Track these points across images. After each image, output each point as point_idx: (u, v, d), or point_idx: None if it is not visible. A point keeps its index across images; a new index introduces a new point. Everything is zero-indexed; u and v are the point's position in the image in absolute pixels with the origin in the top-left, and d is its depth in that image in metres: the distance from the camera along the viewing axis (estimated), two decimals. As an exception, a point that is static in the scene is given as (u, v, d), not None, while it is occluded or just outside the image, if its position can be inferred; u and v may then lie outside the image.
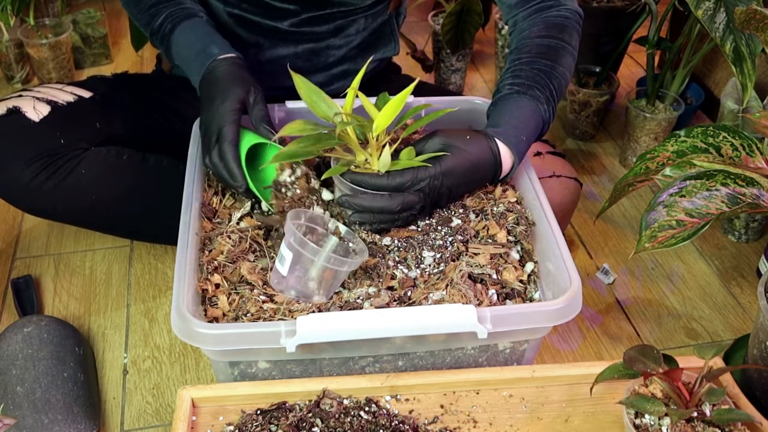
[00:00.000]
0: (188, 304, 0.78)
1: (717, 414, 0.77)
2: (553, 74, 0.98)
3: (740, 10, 0.91)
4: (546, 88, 0.96)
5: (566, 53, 1.01)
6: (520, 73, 0.97)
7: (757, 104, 1.25)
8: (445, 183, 0.88)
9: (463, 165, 0.89)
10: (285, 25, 1.15)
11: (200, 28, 1.04)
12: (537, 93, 0.95)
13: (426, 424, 0.82)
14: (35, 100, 1.14)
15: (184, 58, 1.03)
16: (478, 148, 0.90)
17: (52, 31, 1.80)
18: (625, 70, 1.91)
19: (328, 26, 1.17)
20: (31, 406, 0.97)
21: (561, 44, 1.01)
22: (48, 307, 1.23)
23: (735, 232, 1.40)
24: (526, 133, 0.94)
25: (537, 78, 0.96)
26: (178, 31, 1.04)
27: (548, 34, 1.01)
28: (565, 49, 1.01)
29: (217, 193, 0.98)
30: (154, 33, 1.06)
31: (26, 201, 1.13)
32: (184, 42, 1.03)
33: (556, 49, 1.00)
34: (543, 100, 0.96)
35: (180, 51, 1.04)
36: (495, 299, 0.86)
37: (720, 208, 0.85)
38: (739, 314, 1.25)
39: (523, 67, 0.98)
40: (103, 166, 1.13)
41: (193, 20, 1.04)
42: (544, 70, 0.97)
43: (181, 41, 1.03)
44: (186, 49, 1.03)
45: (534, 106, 0.95)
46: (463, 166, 0.89)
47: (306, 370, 0.85)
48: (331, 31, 1.18)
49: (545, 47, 1.00)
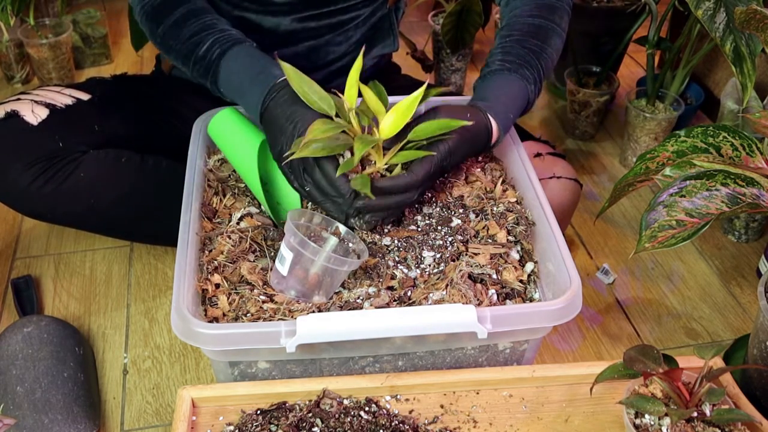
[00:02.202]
0: (188, 304, 0.78)
1: (717, 414, 0.77)
2: (542, 55, 0.99)
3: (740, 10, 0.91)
4: (534, 69, 0.98)
5: (555, 35, 1.03)
6: (510, 50, 0.99)
7: (757, 104, 1.25)
8: (451, 162, 0.89)
9: (466, 141, 0.90)
10: (285, 22, 1.15)
11: (254, 52, 0.99)
12: (526, 73, 0.97)
13: (426, 424, 0.82)
14: (33, 104, 1.13)
15: (239, 83, 0.97)
16: (477, 124, 0.91)
17: (52, 31, 1.80)
18: (625, 70, 1.91)
19: (329, 21, 1.17)
20: (31, 406, 0.97)
21: (551, 25, 1.02)
22: (48, 307, 1.23)
23: (735, 232, 1.40)
24: (513, 111, 0.97)
25: (527, 58, 0.98)
26: (229, 55, 0.98)
27: (539, 14, 1.03)
28: (554, 30, 1.02)
29: (217, 193, 0.98)
30: (198, 61, 1.00)
31: (25, 204, 1.13)
32: (238, 66, 0.97)
33: (546, 30, 1.02)
34: (531, 80, 0.97)
35: (232, 77, 0.98)
36: (495, 299, 0.86)
37: (720, 208, 0.85)
38: (739, 314, 1.25)
39: (513, 44, 1.00)
40: (102, 168, 1.13)
41: (244, 45, 0.99)
42: (533, 50, 0.99)
43: (233, 67, 0.97)
44: (240, 74, 0.97)
45: (523, 86, 0.97)
46: (467, 143, 0.90)
47: (306, 370, 0.85)
48: (330, 27, 1.18)
49: (536, 27, 1.01)
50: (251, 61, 0.97)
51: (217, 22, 1.01)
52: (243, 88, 0.96)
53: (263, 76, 0.94)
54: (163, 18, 1.03)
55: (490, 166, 1.04)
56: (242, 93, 0.96)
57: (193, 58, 1.00)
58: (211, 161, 1.03)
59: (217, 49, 0.98)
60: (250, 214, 0.95)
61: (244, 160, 0.94)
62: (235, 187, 0.99)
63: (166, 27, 1.03)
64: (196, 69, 1.01)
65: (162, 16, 1.03)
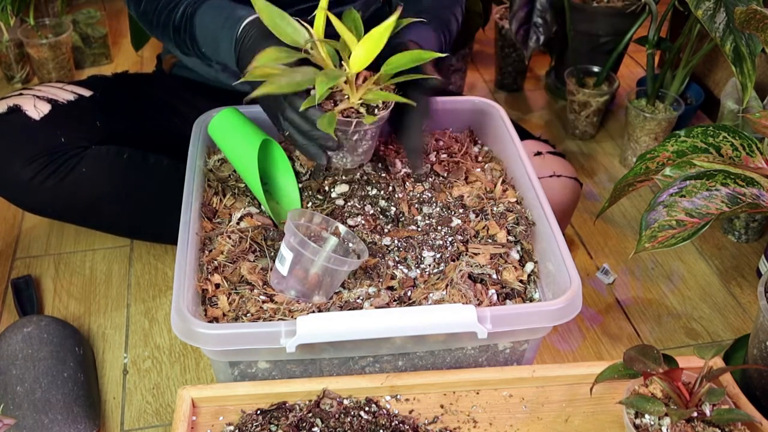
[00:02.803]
0: (188, 304, 0.78)
1: (717, 414, 0.77)
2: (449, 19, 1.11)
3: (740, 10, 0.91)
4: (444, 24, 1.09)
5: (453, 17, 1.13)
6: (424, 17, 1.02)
7: (757, 104, 1.25)
8: None
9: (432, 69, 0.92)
10: None
11: (221, 3, 0.97)
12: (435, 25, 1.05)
13: (426, 424, 0.82)
14: (36, 99, 1.14)
15: (212, 38, 0.95)
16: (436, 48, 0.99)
17: (52, 31, 1.80)
18: (625, 70, 1.91)
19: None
20: (31, 406, 0.97)
21: None
22: (48, 307, 1.23)
23: (735, 232, 1.40)
24: None
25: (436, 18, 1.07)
26: (198, 13, 0.97)
27: None
28: None
29: (217, 193, 0.98)
30: (177, 29, 0.99)
31: (26, 199, 1.14)
32: (208, 20, 0.96)
33: None
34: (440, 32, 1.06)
35: (206, 34, 0.96)
36: (495, 299, 0.86)
37: (720, 208, 0.85)
38: (739, 314, 1.25)
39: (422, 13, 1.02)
40: (104, 164, 1.13)
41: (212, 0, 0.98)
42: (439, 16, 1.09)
43: (204, 22, 0.96)
44: (210, 27, 0.95)
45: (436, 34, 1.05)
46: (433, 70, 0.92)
47: (306, 370, 0.85)
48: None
49: None
50: (218, 12, 0.95)
51: None
52: (217, 41, 0.94)
53: (230, 22, 0.92)
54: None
55: (490, 166, 1.04)
56: (217, 46, 0.94)
57: (172, 26, 0.99)
58: (211, 161, 1.03)
59: (189, 10, 0.98)
60: (250, 214, 0.95)
61: (244, 160, 0.94)
62: (235, 187, 0.99)
63: (146, 2, 1.03)
64: (179, 38, 1.00)
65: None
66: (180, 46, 1.03)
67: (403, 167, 1.01)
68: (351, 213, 0.94)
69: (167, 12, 1.01)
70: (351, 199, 0.96)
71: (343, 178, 0.98)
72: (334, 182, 0.98)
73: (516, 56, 1.80)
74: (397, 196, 0.97)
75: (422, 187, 0.99)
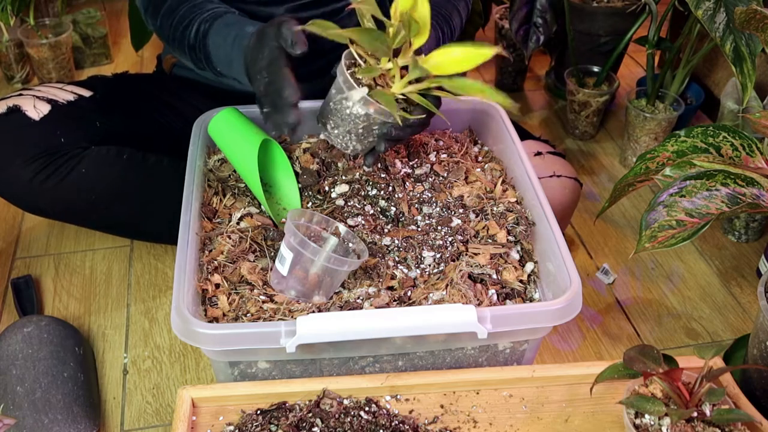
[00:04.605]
0: (188, 304, 0.78)
1: (717, 414, 0.77)
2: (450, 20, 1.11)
3: (740, 10, 0.91)
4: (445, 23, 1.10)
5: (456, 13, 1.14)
6: None
7: (757, 104, 1.25)
8: None
9: None
10: (279, 12, 1.14)
11: (230, 20, 0.97)
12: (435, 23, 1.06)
13: (426, 424, 0.82)
14: (36, 99, 1.14)
15: (225, 56, 0.96)
16: None
17: (52, 31, 1.80)
18: (625, 70, 1.91)
19: (323, 10, 1.17)
20: (31, 406, 0.97)
21: None
22: (48, 307, 1.23)
23: (735, 232, 1.40)
24: None
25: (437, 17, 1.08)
26: (211, 33, 0.97)
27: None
28: None
29: (218, 193, 0.98)
30: (192, 47, 1.00)
31: (27, 200, 1.13)
32: (220, 40, 0.96)
33: None
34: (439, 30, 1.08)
35: (218, 51, 0.96)
36: (495, 299, 0.86)
37: (720, 208, 0.85)
38: (739, 314, 1.25)
39: None
40: (104, 165, 1.13)
41: (223, 17, 0.97)
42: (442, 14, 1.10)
43: (216, 42, 0.97)
44: (222, 46, 0.96)
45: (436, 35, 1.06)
46: None
47: (306, 370, 0.85)
48: (324, 16, 1.18)
49: None
50: (227, 30, 0.96)
51: (205, 2, 1.00)
52: (230, 60, 0.95)
53: (239, 39, 0.93)
54: (158, 10, 1.03)
55: (490, 166, 1.04)
56: (230, 65, 0.95)
57: (187, 45, 1.00)
58: (211, 161, 1.03)
59: (202, 29, 0.98)
60: (250, 214, 0.95)
61: (244, 160, 0.94)
62: (235, 187, 0.99)
63: (161, 18, 1.03)
64: (194, 56, 1.00)
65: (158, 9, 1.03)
66: (196, 63, 1.03)
67: (403, 167, 1.01)
68: (351, 213, 0.94)
69: (182, 29, 1.00)
70: (351, 199, 0.96)
71: (343, 178, 0.99)
72: (334, 182, 0.98)
73: (516, 56, 1.80)
74: (397, 196, 0.97)
75: (422, 187, 0.99)
